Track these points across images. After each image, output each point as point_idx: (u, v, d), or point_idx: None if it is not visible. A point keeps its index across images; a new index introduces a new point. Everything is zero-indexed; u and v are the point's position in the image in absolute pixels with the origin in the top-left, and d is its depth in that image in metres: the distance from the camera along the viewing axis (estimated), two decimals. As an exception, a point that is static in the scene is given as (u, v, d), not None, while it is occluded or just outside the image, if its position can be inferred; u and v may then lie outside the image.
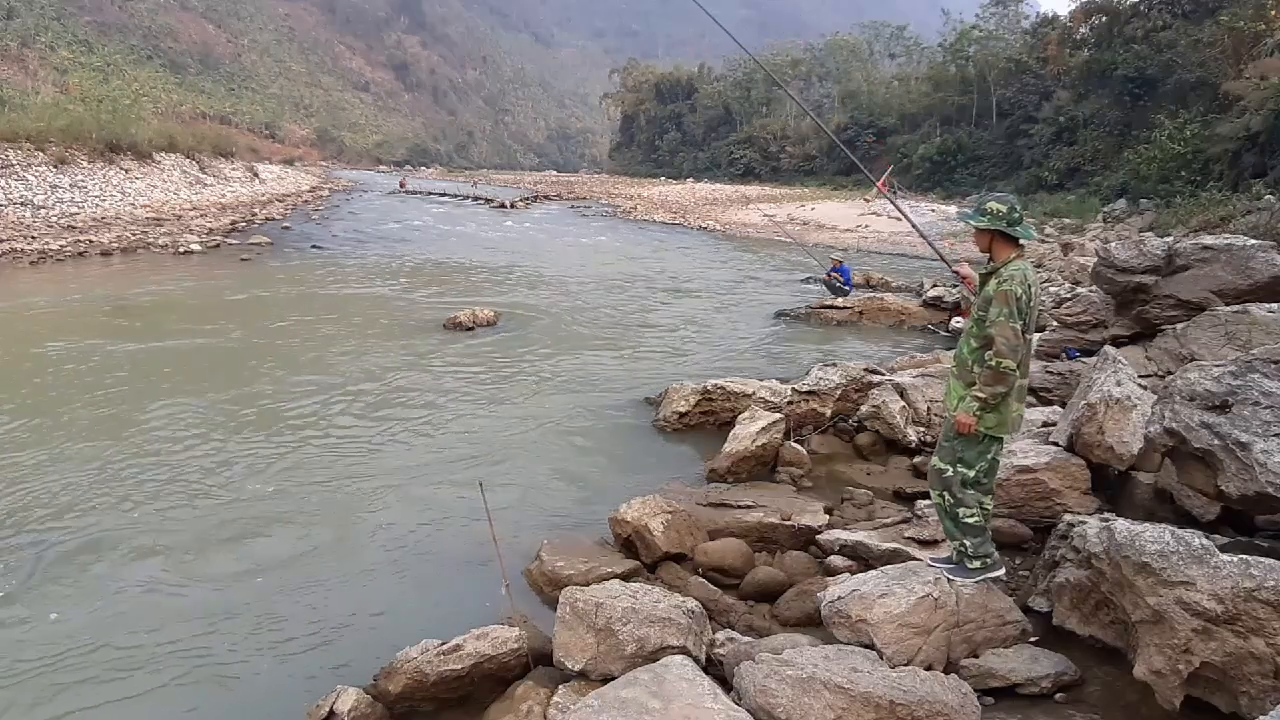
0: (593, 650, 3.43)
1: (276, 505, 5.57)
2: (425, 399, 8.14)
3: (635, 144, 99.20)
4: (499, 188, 57.97)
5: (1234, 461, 3.57)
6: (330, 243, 21.92)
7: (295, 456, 6.47)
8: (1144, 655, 3.09)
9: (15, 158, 23.70)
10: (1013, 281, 3.47)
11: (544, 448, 6.94)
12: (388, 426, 7.31)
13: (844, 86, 73.80)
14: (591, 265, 19.66)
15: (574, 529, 5.26)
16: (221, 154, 39.20)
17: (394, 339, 10.69)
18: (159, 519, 5.31)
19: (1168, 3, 36.91)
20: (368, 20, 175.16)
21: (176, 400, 7.68)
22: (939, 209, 36.03)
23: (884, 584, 3.60)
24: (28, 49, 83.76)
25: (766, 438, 6.21)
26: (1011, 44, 53.93)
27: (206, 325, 11.03)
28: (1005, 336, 3.45)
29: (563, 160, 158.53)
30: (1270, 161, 23.13)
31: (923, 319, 13.16)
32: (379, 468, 6.34)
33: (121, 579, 4.60)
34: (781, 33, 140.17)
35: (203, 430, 6.93)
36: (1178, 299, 7.67)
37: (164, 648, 4.01)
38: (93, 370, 8.62)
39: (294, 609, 4.38)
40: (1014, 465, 4.79)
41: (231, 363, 9.13)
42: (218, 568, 4.75)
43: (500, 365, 9.57)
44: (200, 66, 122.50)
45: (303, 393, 8.11)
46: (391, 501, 5.74)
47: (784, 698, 2.97)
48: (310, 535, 5.18)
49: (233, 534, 5.15)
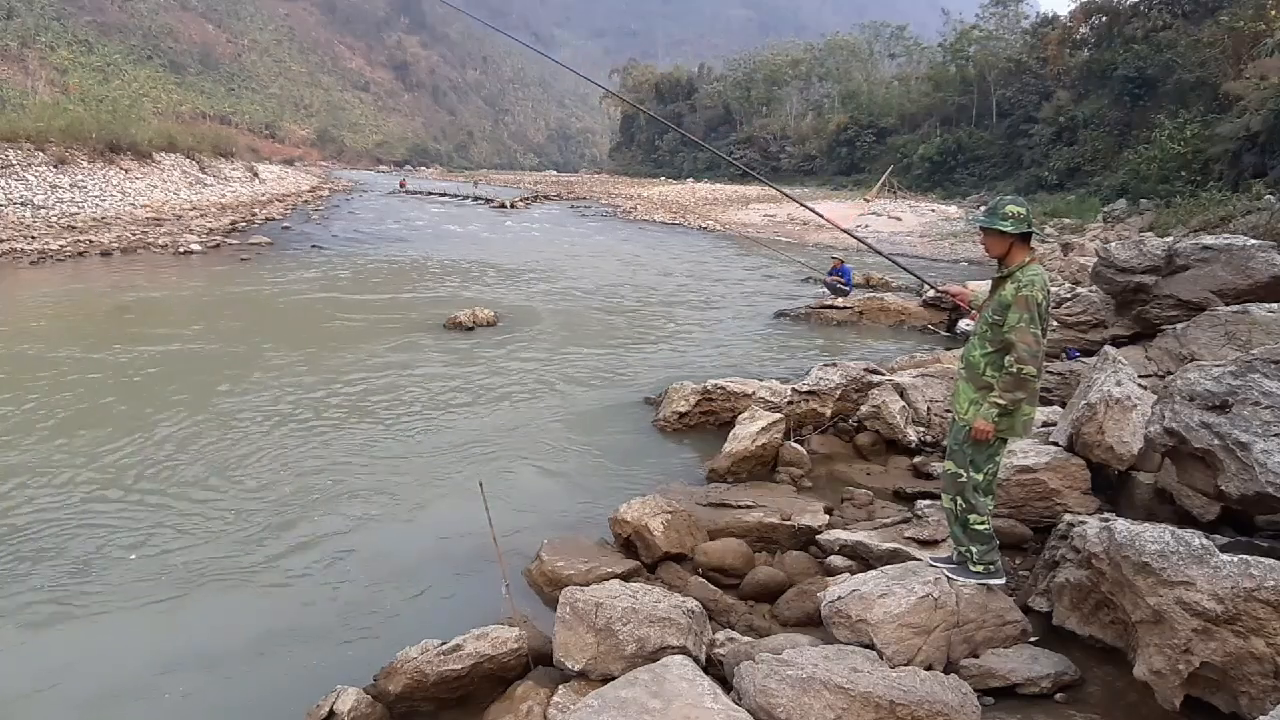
0: (593, 650, 3.43)
1: (275, 505, 5.57)
2: (425, 399, 8.14)
3: (635, 144, 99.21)
4: (499, 188, 57.98)
5: (1234, 461, 3.57)
6: (330, 243, 21.91)
7: (294, 456, 6.46)
8: (1144, 655, 3.09)
9: (15, 158, 23.70)
10: (1033, 287, 3.43)
11: (544, 448, 6.94)
12: (387, 426, 7.31)
13: (844, 86, 73.82)
14: (591, 265, 19.66)
15: (574, 529, 5.26)
16: (221, 154, 39.19)
17: (394, 339, 10.68)
18: (158, 519, 5.30)
19: (1168, 3, 36.90)
20: (368, 20, 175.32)
21: (174, 400, 7.68)
22: (939, 209, 36.05)
23: (884, 584, 3.60)
24: (28, 49, 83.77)
25: (766, 438, 6.22)
26: (1011, 44, 53.86)
27: (206, 325, 11.03)
28: (1026, 342, 3.42)
29: (563, 160, 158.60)
30: (1270, 161, 23.13)
31: (923, 319, 13.16)
32: (379, 468, 6.34)
33: (121, 579, 4.59)
34: (781, 32, 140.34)
35: (201, 430, 6.93)
36: (1178, 299, 7.68)
37: (164, 648, 4.01)
38: (92, 370, 8.62)
39: (294, 609, 4.39)
40: (1014, 465, 4.80)
41: (231, 363, 9.13)
42: (217, 567, 4.75)
43: (500, 365, 9.57)
44: (200, 66, 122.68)
45: (302, 392, 8.11)
46: (391, 501, 5.74)
47: (784, 698, 2.97)
48: (310, 535, 5.18)
49: (231, 534, 5.15)
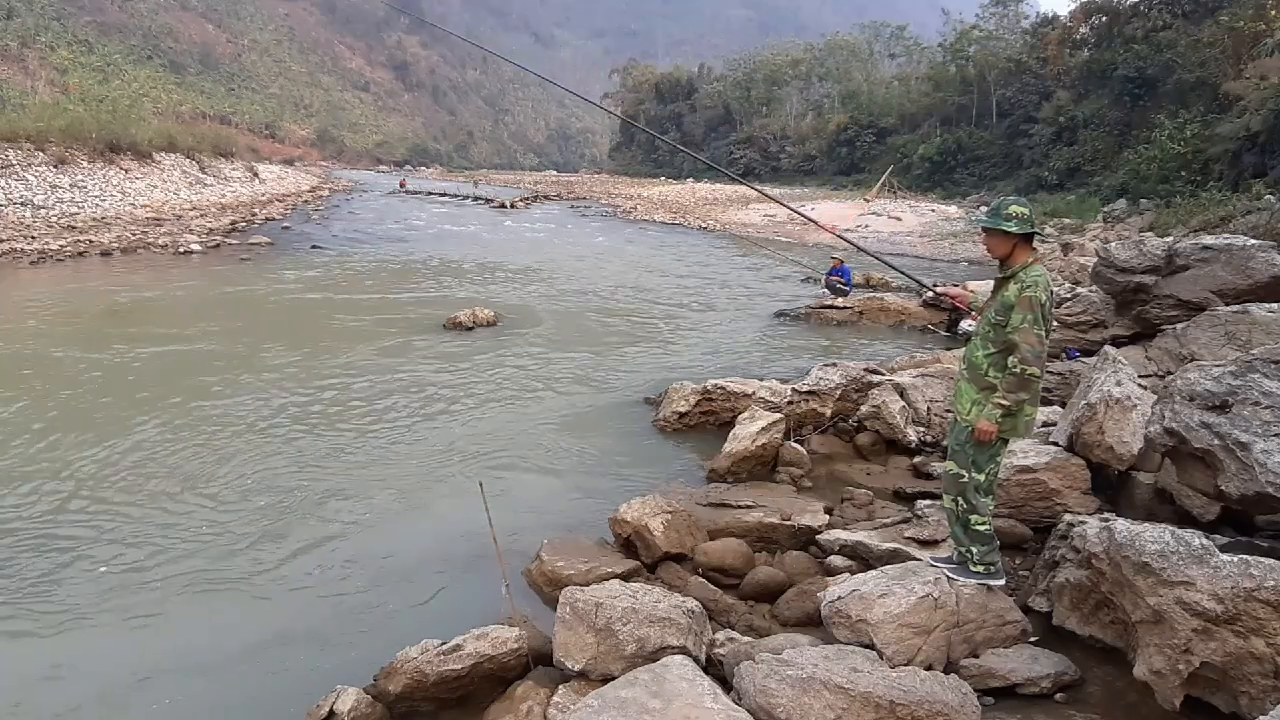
0: (593, 650, 3.43)
1: (275, 505, 5.57)
2: (425, 399, 8.14)
3: (635, 144, 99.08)
4: (499, 188, 57.98)
5: (1234, 461, 3.57)
6: (330, 243, 21.90)
7: (294, 456, 6.46)
8: (1144, 655, 3.09)
9: (15, 158, 23.69)
10: (1037, 288, 3.43)
11: (544, 448, 6.94)
12: (387, 426, 7.31)
13: (844, 86, 73.79)
14: (591, 265, 19.66)
15: (574, 529, 5.26)
16: (221, 154, 39.16)
17: (394, 339, 10.68)
18: (157, 519, 5.31)
19: (1168, 3, 36.88)
20: (368, 20, 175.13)
21: (173, 401, 7.67)
22: (939, 209, 36.05)
23: (884, 584, 3.60)
24: (28, 49, 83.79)
25: (766, 438, 6.22)
26: (1011, 44, 53.82)
27: (206, 325, 11.03)
28: (1030, 343, 3.41)
29: (563, 160, 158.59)
30: (1270, 161, 23.13)
31: (923, 319, 13.16)
32: (379, 468, 6.34)
33: (120, 580, 4.59)
34: (782, 32, 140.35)
35: (199, 430, 6.92)
36: (1178, 299, 7.69)
37: (163, 648, 4.01)
38: (91, 370, 8.62)
39: (294, 609, 4.39)
40: (1014, 465, 4.80)
41: (230, 363, 9.12)
42: (217, 568, 4.75)
43: (500, 365, 9.57)
44: (200, 66, 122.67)
45: (301, 393, 8.11)
46: (391, 501, 5.75)
47: (784, 698, 2.97)
48: (309, 535, 5.18)
49: (231, 534, 5.15)
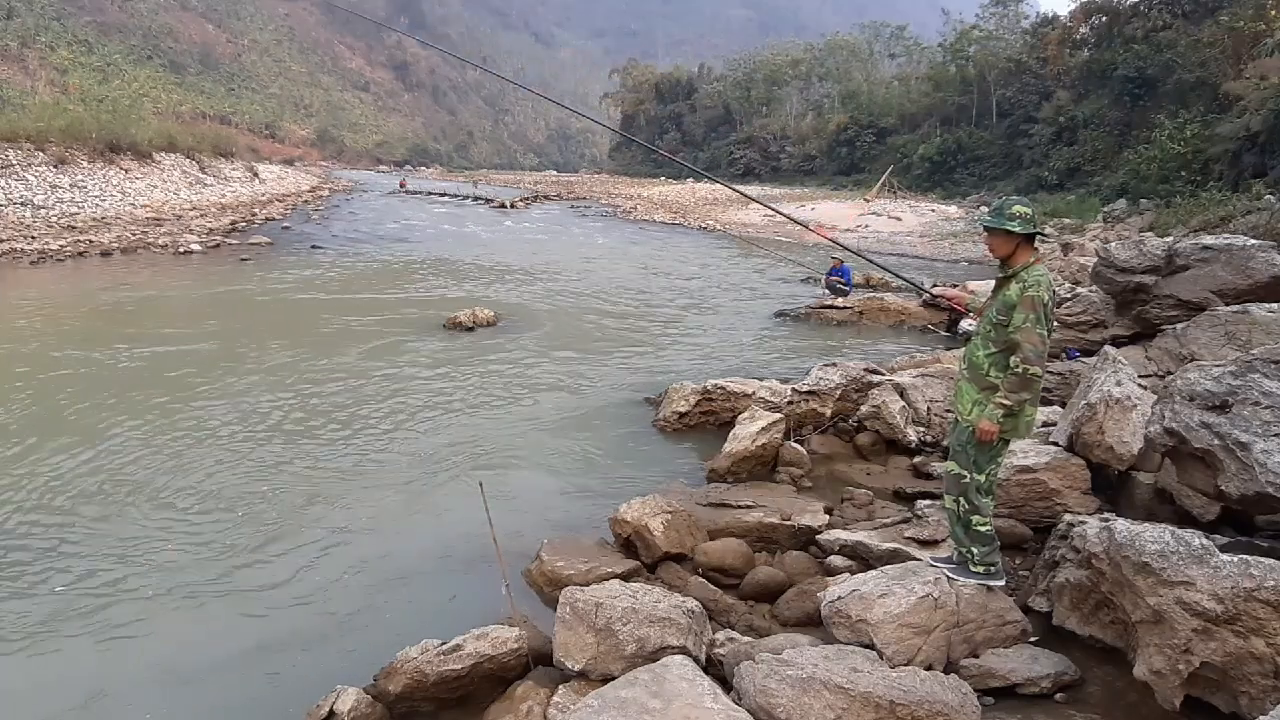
0: (593, 650, 3.43)
1: (274, 505, 5.57)
2: (425, 399, 8.14)
3: (635, 144, 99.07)
4: (499, 188, 57.95)
5: (1234, 461, 3.57)
6: (330, 243, 21.90)
7: (294, 457, 6.46)
8: (1144, 655, 3.09)
9: (15, 158, 23.69)
10: (1039, 287, 3.42)
11: (544, 448, 6.94)
12: (387, 427, 7.31)
13: (844, 86, 73.82)
14: (591, 265, 19.66)
15: (574, 529, 5.26)
16: (221, 154, 39.15)
17: (394, 339, 10.68)
18: (156, 520, 5.31)
19: (1168, 3, 36.88)
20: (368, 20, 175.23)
21: (173, 401, 7.67)
22: (939, 209, 36.07)
23: (884, 584, 3.60)
24: (28, 49, 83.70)
25: (766, 438, 6.21)
26: (1011, 44, 53.84)
27: (205, 325, 11.03)
28: (1032, 343, 3.40)
29: (563, 160, 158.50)
30: (1270, 161, 23.13)
31: (923, 319, 13.16)
32: (379, 468, 6.34)
33: (120, 581, 4.59)
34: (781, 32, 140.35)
35: (199, 430, 6.92)
36: (1178, 299, 7.69)
37: (164, 649, 4.01)
38: (90, 370, 8.62)
39: (294, 609, 4.39)
40: (1014, 465, 4.79)
41: (229, 363, 9.12)
42: (217, 568, 4.75)
43: (500, 365, 9.57)
44: (200, 66, 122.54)
45: (301, 393, 8.11)
46: (391, 502, 5.74)
47: (784, 698, 2.97)
48: (310, 535, 5.18)
49: (230, 534, 5.15)
